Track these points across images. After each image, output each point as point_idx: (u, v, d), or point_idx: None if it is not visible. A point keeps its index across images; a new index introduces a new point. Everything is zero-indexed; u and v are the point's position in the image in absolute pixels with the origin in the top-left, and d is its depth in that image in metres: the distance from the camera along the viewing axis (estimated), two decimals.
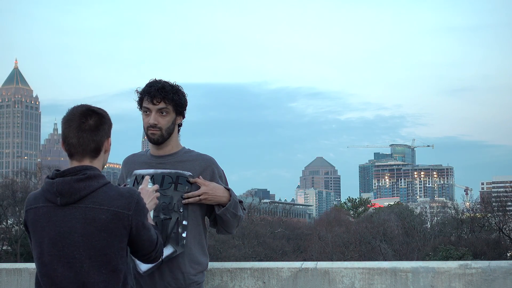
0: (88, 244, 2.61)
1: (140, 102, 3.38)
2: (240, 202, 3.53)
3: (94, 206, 2.63)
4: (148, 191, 2.99)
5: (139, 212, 2.69)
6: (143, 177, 3.38)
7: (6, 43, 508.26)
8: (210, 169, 3.44)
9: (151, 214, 3.01)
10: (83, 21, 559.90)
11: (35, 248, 2.71)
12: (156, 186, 3.10)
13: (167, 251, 3.29)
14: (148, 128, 3.37)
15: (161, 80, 3.41)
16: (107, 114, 2.81)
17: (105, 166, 2.88)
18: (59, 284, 2.62)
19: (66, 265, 2.62)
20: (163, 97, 3.32)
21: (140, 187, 3.03)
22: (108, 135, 2.80)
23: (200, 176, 3.41)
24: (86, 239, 2.61)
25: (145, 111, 3.38)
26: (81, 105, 2.77)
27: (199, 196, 3.35)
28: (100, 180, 2.69)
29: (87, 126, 2.70)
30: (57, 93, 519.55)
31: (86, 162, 2.72)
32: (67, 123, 2.72)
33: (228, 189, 3.47)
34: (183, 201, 3.36)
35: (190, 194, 3.35)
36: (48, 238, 2.65)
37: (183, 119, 3.47)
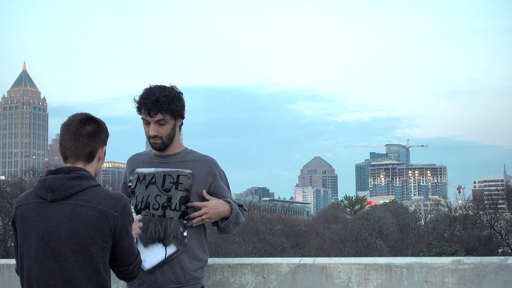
0: (74, 239, 2.62)
1: (139, 110, 3.37)
2: (240, 206, 3.53)
3: (83, 203, 2.64)
4: None
5: (125, 216, 2.69)
6: (145, 176, 3.42)
7: (15, 47, 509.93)
8: (212, 171, 3.44)
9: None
10: (89, 26, 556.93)
11: (23, 243, 2.70)
12: (139, 217, 3.07)
13: (170, 250, 3.34)
14: (149, 138, 3.39)
15: (155, 88, 3.33)
16: (105, 124, 2.84)
17: (110, 165, 3.29)
18: (44, 277, 2.62)
19: (52, 258, 2.62)
20: (159, 110, 3.30)
21: None
22: (103, 143, 2.81)
23: (204, 190, 3.42)
24: (72, 234, 2.62)
25: (144, 121, 3.38)
26: (81, 113, 2.81)
27: (201, 216, 3.37)
28: (92, 181, 2.71)
29: (84, 131, 2.74)
30: (64, 95, 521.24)
31: (79, 166, 2.74)
32: (65, 127, 2.76)
33: (228, 202, 3.46)
34: (187, 224, 3.38)
35: (191, 215, 3.37)
36: (35, 232, 2.66)
37: (183, 119, 3.44)
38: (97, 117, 2.82)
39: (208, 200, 3.41)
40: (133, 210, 3.10)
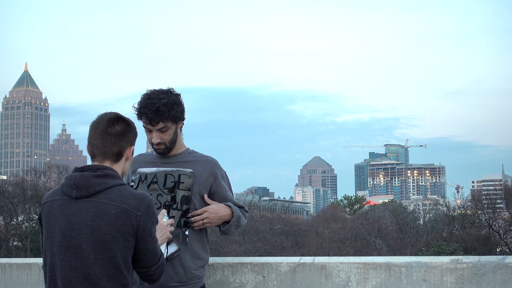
0: (95, 237, 2.61)
1: (139, 118, 3.36)
2: (242, 207, 3.57)
3: (106, 201, 2.63)
4: (162, 225, 2.96)
5: (148, 216, 2.67)
6: (146, 175, 3.43)
7: (17, 47, 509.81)
8: (213, 171, 3.47)
9: (163, 247, 3.02)
10: (90, 26, 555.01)
11: (47, 239, 2.70)
12: (171, 221, 3.06)
13: (172, 249, 3.35)
14: (152, 144, 3.42)
15: (153, 96, 3.32)
16: (134, 124, 2.84)
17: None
18: (66, 274, 2.62)
19: (74, 255, 2.62)
20: (160, 119, 3.31)
21: None
22: (131, 143, 2.81)
23: (205, 195, 3.45)
24: (94, 231, 2.61)
25: (146, 129, 3.39)
26: (111, 112, 2.81)
27: (202, 220, 3.41)
28: (117, 180, 2.70)
29: (113, 130, 2.73)
30: (66, 95, 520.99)
31: (107, 165, 2.74)
32: (94, 126, 2.75)
33: (229, 206, 3.48)
34: (190, 225, 3.41)
35: (193, 219, 3.40)
36: (59, 228, 2.66)
37: (183, 121, 3.46)
38: (126, 117, 2.81)
39: (209, 205, 3.46)
40: (165, 214, 3.13)
